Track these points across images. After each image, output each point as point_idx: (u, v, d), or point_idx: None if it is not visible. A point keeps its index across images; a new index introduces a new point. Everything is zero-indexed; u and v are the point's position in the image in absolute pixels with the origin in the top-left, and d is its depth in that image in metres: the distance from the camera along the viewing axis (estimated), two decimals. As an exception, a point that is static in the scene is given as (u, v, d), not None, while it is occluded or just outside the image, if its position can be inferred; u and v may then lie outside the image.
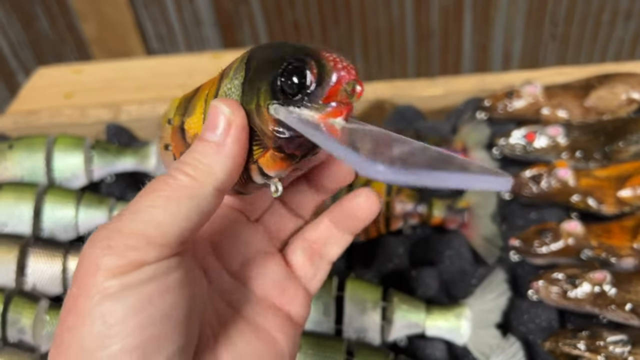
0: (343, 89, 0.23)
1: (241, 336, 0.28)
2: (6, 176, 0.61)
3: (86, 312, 0.23)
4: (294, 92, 0.24)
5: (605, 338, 0.47)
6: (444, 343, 0.50)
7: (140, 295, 0.23)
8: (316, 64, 0.23)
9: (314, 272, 0.32)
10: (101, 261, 0.23)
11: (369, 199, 0.31)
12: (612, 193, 0.56)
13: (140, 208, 0.24)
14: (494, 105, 0.66)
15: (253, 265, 0.31)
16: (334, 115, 0.23)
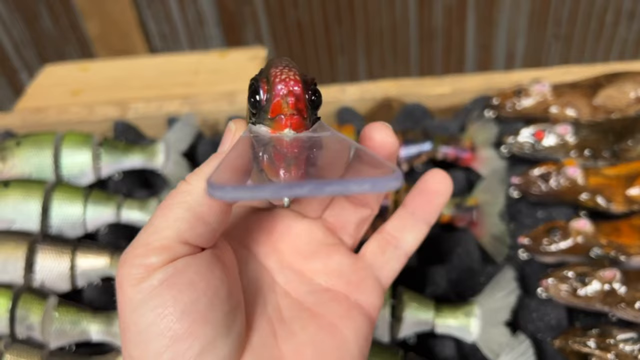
0: (284, 102, 0.24)
1: (302, 326, 0.29)
2: (14, 173, 0.61)
3: (124, 326, 0.25)
4: (254, 109, 0.25)
5: (615, 336, 0.47)
6: (453, 341, 0.50)
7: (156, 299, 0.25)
8: (267, 81, 0.25)
9: (386, 260, 0.33)
10: (122, 276, 0.25)
11: (441, 179, 0.32)
12: (621, 191, 0.56)
13: (147, 223, 0.26)
14: (502, 103, 0.66)
15: (316, 257, 0.32)
16: (279, 129, 0.24)
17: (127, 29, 1.40)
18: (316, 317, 0.30)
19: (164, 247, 0.25)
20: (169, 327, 0.25)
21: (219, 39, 1.45)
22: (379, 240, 0.33)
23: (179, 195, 0.26)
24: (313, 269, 0.32)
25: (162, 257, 0.25)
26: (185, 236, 0.26)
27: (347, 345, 0.29)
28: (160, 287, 0.25)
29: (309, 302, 0.30)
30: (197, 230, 0.26)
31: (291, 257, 0.32)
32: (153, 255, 0.25)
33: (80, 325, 0.50)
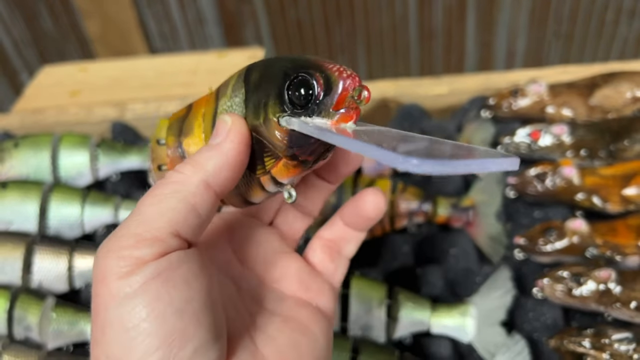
0: (350, 96, 0.25)
1: (278, 331, 0.30)
2: (12, 174, 0.61)
3: (105, 322, 0.23)
4: (302, 102, 0.25)
5: (610, 336, 0.47)
6: (449, 341, 0.50)
7: (149, 294, 0.23)
8: (321, 75, 0.25)
9: (335, 267, 0.34)
10: (106, 267, 0.23)
11: (376, 198, 0.33)
12: (617, 191, 0.56)
13: (134, 210, 0.25)
14: (498, 103, 0.66)
15: (276, 266, 0.33)
16: (345, 121, 0.25)
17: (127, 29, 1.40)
18: (288, 320, 0.30)
19: (156, 239, 0.24)
20: (162, 325, 0.23)
21: (219, 38, 1.45)
22: (324, 249, 0.34)
23: (170, 185, 0.25)
24: (274, 277, 0.32)
25: (153, 249, 0.24)
26: (178, 228, 0.25)
27: (319, 345, 0.31)
28: (153, 281, 0.23)
29: (276, 308, 0.31)
30: (190, 222, 0.25)
31: (252, 265, 0.33)
32: (144, 246, 0.24)
33: (77, 325, 0.51)
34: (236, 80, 0.28)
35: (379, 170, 0.62)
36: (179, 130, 0.31)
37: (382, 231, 0.58)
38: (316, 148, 0.26)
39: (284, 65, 0.26)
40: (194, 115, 0.30)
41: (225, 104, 0.28)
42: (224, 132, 0.27)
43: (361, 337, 0.49)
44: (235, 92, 0.28)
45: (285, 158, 0.27)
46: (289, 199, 0.28)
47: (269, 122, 0.26)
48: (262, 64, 0.28)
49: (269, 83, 0.26)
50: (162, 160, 0.32)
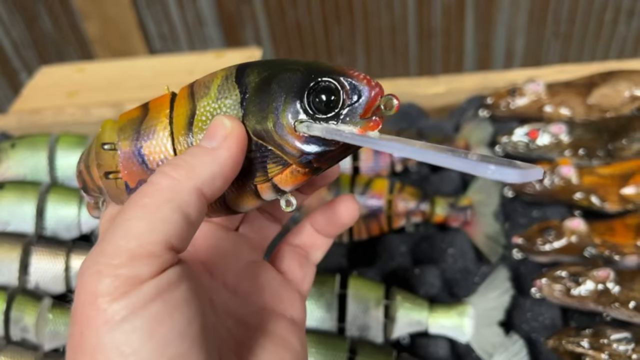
0: (378, 104, 0.24)
1: (262, 348, 0.28)
2: (9, 175, 0.61)
3: (95, 348, 0.21)
4: (325, 109, 0.24)
5: (608, 336, 0.47)
6: (446, 341, 0.50)
7: (149, 317, 0.21)
8: (346, 81, 0.24)
9: (303, 275, 0.33)
10: (96, 288, 0.21)
11: (350, 205, 0.32)
12: (615, 191, 0.56)
13: (119, 223, 0.22)
14: (496, 103, 0.66)
15: (247, 277, 0.31)
16: (372, 129, 0.24)
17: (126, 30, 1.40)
18: (268, 335, 0.29)
19: (151, 255, 0.22)
20: (165, 351, 0.21)
21: (219, 39, 1.45)
22: (293, 255, 0.33)
23: (161, 192, 0.23)
24: (245, 289, 0.31)
25: (150, 266, 0.22)
26: (172, 240, 0.23)
27: (299, 356, 0.30)
28: (153, 302, 0.21)
29: (253, 322, 0.29)
30: (183, 233, 0.23)
31: (222, 276, 0.31)
32: (140, 264, 0.21)
33: (74, 326, 0.50)
34: (222, 81, 0.27)
35: (376, 170, 0.62)
36: (135, 133, 0.28)
37: (380, 231, 0.58)
38: (336, 155, 0.26)
39: (299, 69, 0.25)
40: (155, 118, 0.28)
41: (210, 106, 0.26)
42: (221, 136, 0.25)
43: (359, 337, 0.49)
44: (222, 94, 0.26)
45: (296, 165, 0.25)
46: (288, 208, 0.27)
47: (282, 127, 0.25)
48: (262, 66, 0.26)
49: (282, 87, 0.25)
50: (111, 166, 0.28)
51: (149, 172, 0.27)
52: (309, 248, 0.34)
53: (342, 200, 0.32)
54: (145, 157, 0.27)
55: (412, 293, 0.52)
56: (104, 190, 0.29)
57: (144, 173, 0.28)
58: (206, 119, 0.26)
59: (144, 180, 0.27)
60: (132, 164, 0.28)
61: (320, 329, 0.49)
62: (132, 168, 0.28)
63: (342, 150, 0.25)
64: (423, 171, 0.64)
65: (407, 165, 0.63)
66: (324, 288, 0.50)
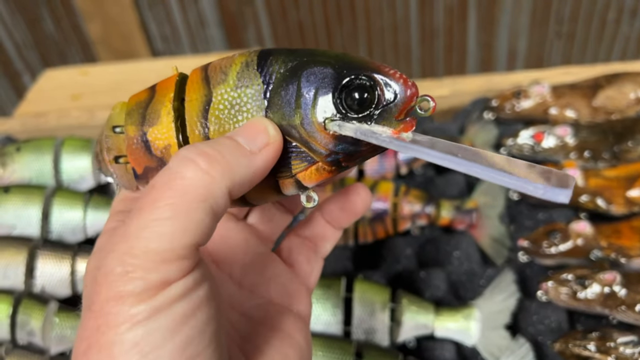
0: (413, 105, 0.23)
1: (267, 343, 0.28)
2: (14, 179, 0.61)
3: (114, 344, 0.20)
4: (359, 108, 0.23)
5: (615, 339, 0.46)
6: (453, 344, 0.50)
7: (173, 317, 0.21)
8: (382, 80, 0.23)
9: (311, 269, 0.32)
10: (123, 289, 0.21)
11: (363, 193, 0.32)
12: (621, 193, 0.56)
13: (147, 223, 0.21)
14: (501, 105, 0.66)
15: (254, 269, 0.31)
16: (405, 130, 0.23)
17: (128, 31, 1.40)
18: (273, 330, 0.29)
19: (182, 257, 0.21)
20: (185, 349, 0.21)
21: (221, 40, 1.45)
22: (302, 248, 0.33)
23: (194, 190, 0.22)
24: (252, 281, 0.30)
25: (180, 268, 0.21)
26: (200, 241, 0.22)
27: (303, 353, 0.29)
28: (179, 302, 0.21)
29: (258, 315, 0.29)
30: (211, 233, 0.22)
31: (229, 267, 0.30)
32: (169, 267, 0.21)
33: (80, 330, 0.51)
34: (242, 68, 0.25)
35: (381, 173, 0.62)
36: (141, 117, 0.27)
37: (385, 234, 0.58)
38: (365, 154, 0.25)
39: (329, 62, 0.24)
40: (160, 101, 0.26)
41: (229, 94, 0.25)
42: (262, 142, 0.24)
43: (365, 340, 0.49)
44: (243, 82, 0.25)
45: (323, 163, 0.25)
46: (309, 203, 0.26)
47: (311, 124, 0.24)
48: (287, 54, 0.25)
49: (311, 81, 0.24)
50: (120, 150, 0.28)
51: (154, 158, 0.26)
52: (319, 240, 0.33)
53: (354, 189, 0.32)
54: (150, 142, 0.26)
55: (417, 296, 0.52)
56: (114, 175, 0.29)
57: (150, 160, 0.27)
58: (224, 107, 0.25)
59: (151, 167, 0.26)
60: (138, 149, 0.27)
61: (326, 333, 0.49)
62: (137, 154, 0.27)
63: (371, 149, 0.25)
64: (428, 174, 0.64)
65: (412, 168, 0.63)
66: (330, 291, 0.50)
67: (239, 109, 0.25)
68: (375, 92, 0.23)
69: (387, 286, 0.51)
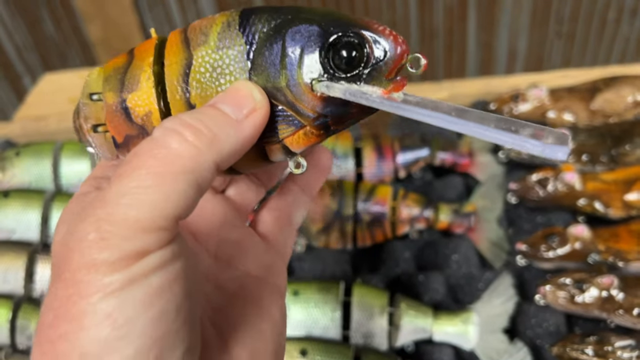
0: (404, 63, 0.22)
1: (241, 315, 0.27)
2: (14, 183, 0.61)
3: (85, 314, 0.19)
4: (347, 67, 0.22)
5: (613, 343, 0.47)
6: (451, 348, 0.50)
7: (149, 288, 0.20)
8: (371, 37, 0.22)
9: (284, 239, 0.32)
10: (97, 256, 0.19)
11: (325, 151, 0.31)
12: (619, 197, 0.56)
13: (128, 190, 0.20)
14: (499, 108, 0.66)
15: (229, 242, 0.29)
16: (396, 90, 0.22)
17: (128, 32, 1.40)
18: (248, 302, 0.27)
19: (162, 228, 0.20)
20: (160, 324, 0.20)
21: (220, 41, 1.46)
22: (275, 219, 0.31)
23: (180, 161, 0.21)
24: (228, 253, 0.29)
25: (158, 239, 0.20)
26: (182, 213, 0.21)
27: (278, 326, 0.28)
28: (155, 273, 0.20)
29: (233, 288, 0.28)
30: (193, 205, 0.21)
31: (205, 239, 0.29)
32: (148, 236, 0.20)
33: (80, 335, 0.51)
34: (223, 28, 0.24)
35: (380, 177, 0.62)
36: (119, 83, 0.25)
37: (384, 238, 0.58)
38: (354, 116, 0.24)
39: (315, 19, 0.23)
40: (139, 66, 0.25)
41: (210, 57, 0.24)
42: (248, 109, 0.23)
43: (363, 344, 0.49)
44: (224, 43, 0.24)
45: (310, 127, 0.24)
46: (297, 170, 0.25)
47: (297, 86, 0.23)
48: (270, 12, 0.24)
49: (296, 39, 0.23)
50: (99, 119, 0.26)
51: (135, 126, 0.25)
52: (292, 209, 0.32)
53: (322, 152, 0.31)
54: (129, 109, 0.25)
55: (416, 300, 0.52)
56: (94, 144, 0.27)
57: (130, 127, 0.25)
58: (205, 70, 0.24)
59: (132, 135, 0.25)
60: (117, 117, 0.25)
61: (325, 337, 0.50)
62: (117, 121, 0.25)
63: (361, 111, 0.23)
64: (427, 177, 0.64)
65: (410, 171, 0.63)
66: (329, 295, 0.50)
67: (221, 71, 0.24)
68: (364, 50, 0.22)
69: (385, 290, 0.51)
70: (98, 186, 0.26)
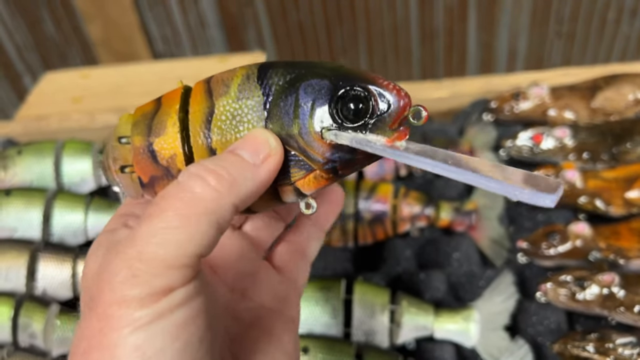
0: (406, 114, 0.24)
1: (256, 345, 0.28)
2: (16, 181, 0.62)
3: (117, 346, 0.21)
4: (354, 117, 0.24)
5: (614, 340, 0.47)
6: (452, 346, 0.50)
7: (175, 322, 0.22)
8: (376, 91, 0.25)
9: (298, 272, 0.33)
10: (128, 293, 0.22)
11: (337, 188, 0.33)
12: (620, 194, 0.56)
13: (157, 230, 0.22)
14: (500, 107, 0.66)
15: (246, 275, 0.31)
16: (399, 139, 0.24)
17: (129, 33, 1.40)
18: (263, 333, 0.29)
19: (186, 266, 0.22)
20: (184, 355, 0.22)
21: (221, 41, 1.45)
22: (290, 252, 0.33)
23: (202, 204, 0.23)
24: (244, 286, 0.31)
25: (183, 276, 0.22)
26: (204, 252, 0.23)
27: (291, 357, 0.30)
28: (181, 308, 0.22)
29: (248, 318, 0.30)
30: (214, 245, 0.23)
31: (224, 272, 0.31)
32: (173, 274, 0.22)
33: (81, 333, 0.51)
34: (243, 80, 0.26)
35: (381, 175, 0.62)
36: (147, 128, 0.28)
37: (385, 236, 0.58)
38: (360, 162, 0.26)
39: (326, 74, 0.25)
40: (166, 112, 0.28)
41: (231, 106, 0.26)
42: (264, 154, 0.25)
43: (364, 342, 0.49)
44: (244, 94, 0.26)
45: (320, 171, 0.26)
46: (308, 210, 0.27)
47: (309, 134, 0.25)
48: (285, 67, 0.26)
49: (309, 92, 0.25)
50: (127, 160, 0.29)
51: (160, 167, 0.27)
52: (305, 244, 0.34)
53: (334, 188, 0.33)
54: (156, 152, 0.27)
55: (417, 298, 0.52)
56: (120, 184, 0.30)
57: (156, 169, 0.28)
58: (226, 118, 0.26)
59: (157, 176, 0.27)
60: (144, 159, 0.28)
61: (327, 334, 0.50)
62: (144, 163, 0.28)
63: (366, 157, 0.26)
64: (428, 175, 0.64)
65: (411, 169, 0.63)
66: (330, 293, 0.50)
67: (240, 119, 0.26)
68: (370, 102, 0.24)
69: (386, 288, 0.51)
70: (125, 223, 0.29)
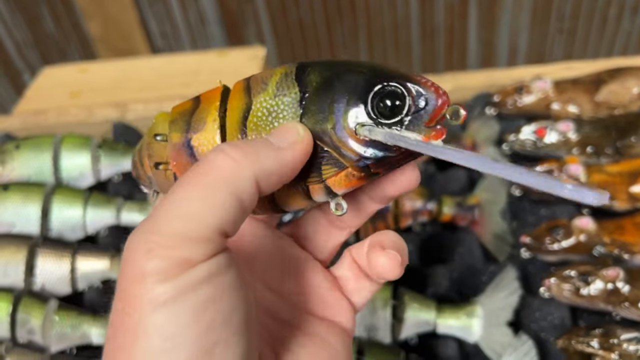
0: (444, 113, 0.24)
1: (300, 346, 0.28)
2: (14, 176, 0.61)
3: (137, 327, 0.21)
4: (389, 114, 0.24)
5: (618, 336, 0.46)
6: (455, 341, 0.50)
7: (197, 299, 0.21)
8: (413, 88, 0.24)
9: (357, 288, 0.31)
10: (145, 267, 0.21)
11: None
12: (624, 189, 0.55)
13: (174, 202, 0.22)
14: (503, 100, 0.66)
15: (293, 277, 0.30)
16: (435, 138, 0.24)
17: (128, 29, 1.40)
18: (308, 334, 0.28)
19: (205, 239, 0.21)
20: (206, 336, 0.21)
21: (221, 38, 1.45)
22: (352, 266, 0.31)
23: (217, 171, 0.22)
24: (289, 289, 0.30)
25: (203, 250, 0.21)
26: (225, 226, 0.22)
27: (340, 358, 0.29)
28: (202, 285, 0.21)
29: (293, 321, 0.29)
30: (237, 220, 0.22)
31: (263, 274, 0.30)
32: (193, 247, 0.21)
33: (80, 328, 0.50)
34: (281, 78, 0.26)
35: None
36: (186, 125, 0.28)
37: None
38: (395, 162, 0.25)
39: (363, 71, 0.25)
40: (206, 110, 0.28)
41: (267, 102, 0.26)
42: (291, 140, 0.24)
43: (366, 338, 0.49)
44: (281, 91, 0.26)
45: (352, 168, 0.25)
46: (338, 211, 0.26)
47: (342, 129, 0.25)
48: (324, 65, 0.26)
49: (345, 88, 0.25)
50: (161, 157, 0.29)
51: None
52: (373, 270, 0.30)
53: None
54: (194, 148, 0.28)
55: (419, 293, 0.51)
56: (153, 181, 0.30)
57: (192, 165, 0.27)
58: (262, 114, 0.26)
59: None
60: (182, 155, 0.28)
61: (328, 330, 0.49)
62: (181, 159, 0.28)
63: (402, 157, 0.25)
64: (430, 170, 0.64)
65: (413, 164, 0.63)
66: (331, 288, 0.50)
67: (276, 115, 0.26)
68: (406, 99, 0.24)
69: (389, 283, 0.51)
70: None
